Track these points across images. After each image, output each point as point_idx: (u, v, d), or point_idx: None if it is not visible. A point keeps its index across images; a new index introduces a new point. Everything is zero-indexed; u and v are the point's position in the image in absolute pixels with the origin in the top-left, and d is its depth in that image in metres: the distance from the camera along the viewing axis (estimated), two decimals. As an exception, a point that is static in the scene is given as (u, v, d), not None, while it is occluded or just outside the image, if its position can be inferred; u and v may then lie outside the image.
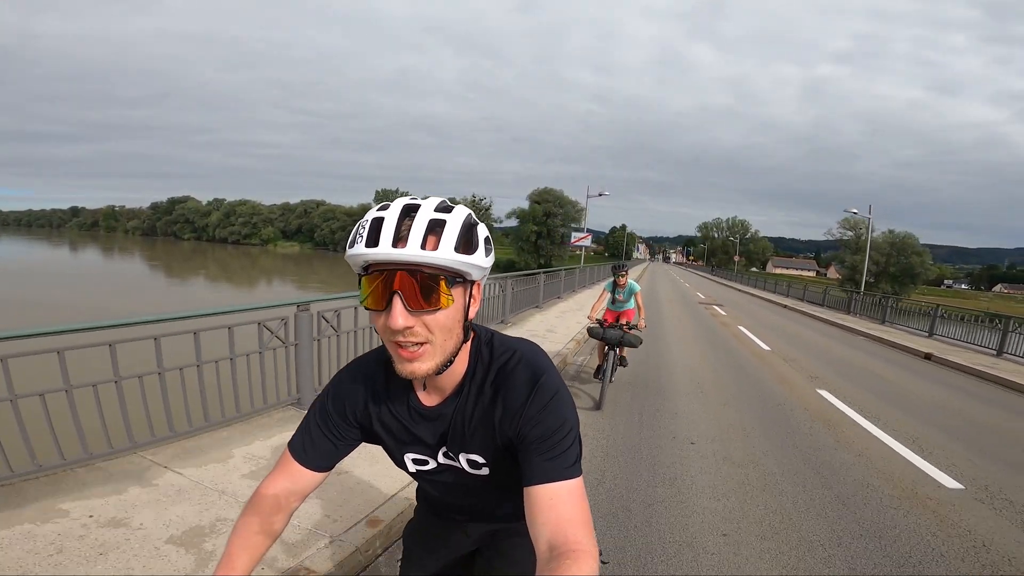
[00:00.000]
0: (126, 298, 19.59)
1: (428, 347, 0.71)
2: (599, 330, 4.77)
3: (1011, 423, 5.25)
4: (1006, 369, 8.10)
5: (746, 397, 5.39)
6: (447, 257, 0.67)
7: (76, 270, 34.33)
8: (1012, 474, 3.70)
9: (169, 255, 57.15)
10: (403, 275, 0.67)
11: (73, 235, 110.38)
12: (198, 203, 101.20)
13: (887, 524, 2.80)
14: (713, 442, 3.95)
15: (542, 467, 0.74)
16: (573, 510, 0.71)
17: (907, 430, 4.57)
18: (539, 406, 0.77)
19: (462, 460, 0.88)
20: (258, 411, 3.54)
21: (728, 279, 46.25)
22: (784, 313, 17.09)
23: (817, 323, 14.47)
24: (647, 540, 2.51)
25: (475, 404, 0.83)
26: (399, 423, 0.87)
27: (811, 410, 5.03)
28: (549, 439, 0.76)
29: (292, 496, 0.86)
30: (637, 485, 3.12)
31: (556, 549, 0.66)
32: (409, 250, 0.65)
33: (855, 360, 8.46)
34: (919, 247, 45.66)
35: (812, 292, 22.56)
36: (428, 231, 0.67)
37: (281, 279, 36.91)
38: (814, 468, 3.54)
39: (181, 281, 31.50)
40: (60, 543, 2.00)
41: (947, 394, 6.43)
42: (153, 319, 2.94)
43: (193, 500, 2.40)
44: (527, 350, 0.84)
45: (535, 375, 0.80)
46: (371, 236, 0.67)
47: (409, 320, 0.67)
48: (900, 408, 5.40)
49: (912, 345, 10.19)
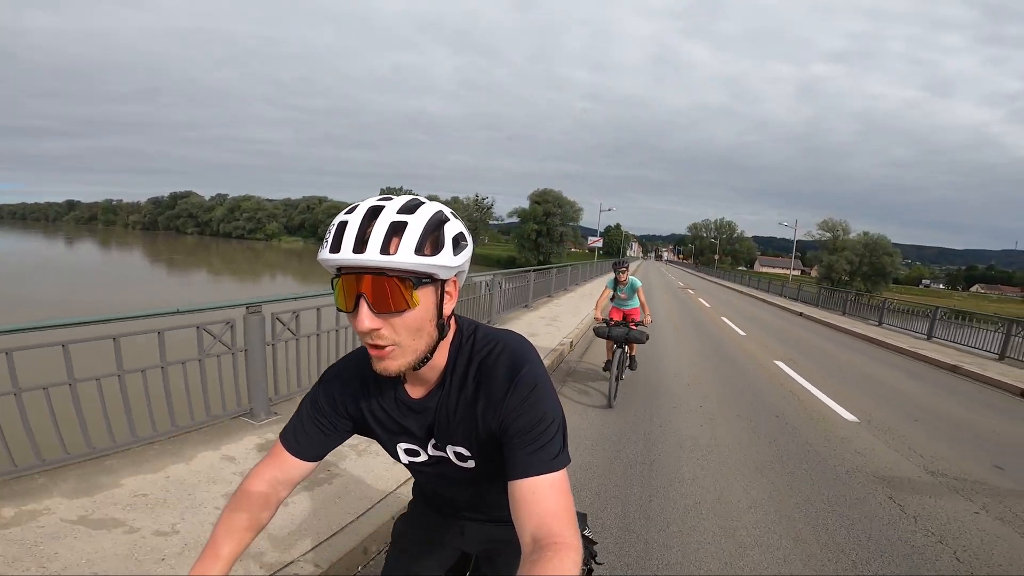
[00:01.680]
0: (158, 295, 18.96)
1: (395, 348, 0.70)
2: (605, 328, 4.67)
3: (905, 383, 6.70)
4: (929, 348, 9.71)
5: (693, 327, 10.41)
6: (407, 261, 0.65)
7: (104, 266, 33.48)
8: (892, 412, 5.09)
9: (187, 252, 55.67)
10: (367, 279, 0.66)
11: (70, 229, 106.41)
12: (200, 198, 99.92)
13: (804, 438, 4.08)
14: (679, 361, 6.71)
15: (525, 460, 0.73)
16: (556, 503, 0.70)
17: (817, 377, 6.33)
18: (519, 398, 0.76)
19: (450, 452, 0.86)
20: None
21: (707, 274, 51.77)
22: (734, 293, 25.29)
23: (755, 300, 19.90)
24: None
25: (458, 397, 0.82)
26: (388, 415, 0.86)
27: (725, 333, 9.76)
28: (531, 432, 0.74)
29: (281, 486, 0.85)
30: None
31: (539, 542, 0.66)
32: (368, 255, 0.64)
33: (772, 320, 13.17)
34: (890, 248, 49.25)
35: (774, 285, 26.41)
36: (390, 234, 0.65)
37: (289, 273, 36.39)
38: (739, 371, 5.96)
39: (213, 277, 30.94)
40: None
41: (862, 359, 8.32)
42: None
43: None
44: (510, 341, 0.82)
45: (515, 367, 0.78)
46: (335, 240, 0.66)
47: (375, 322, 0.67)
48: (817, 363, 7.47)
49: (857, 330, 12.00)
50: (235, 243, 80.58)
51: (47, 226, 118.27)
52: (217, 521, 0.79)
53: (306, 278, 32.32)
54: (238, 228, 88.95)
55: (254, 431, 3.10)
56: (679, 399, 4.92)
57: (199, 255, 50.01)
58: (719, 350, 7.89)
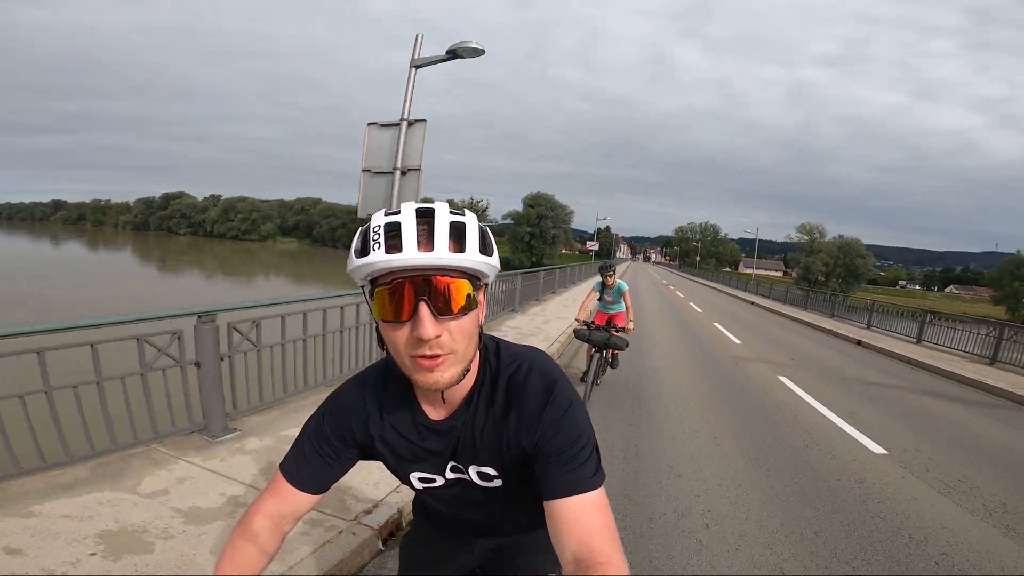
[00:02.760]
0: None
1: (451, 356, 0.65)
2: (585, 332, 4.43)
3: (827, 352, 9.47)
4: (869, 337, 11.38)
5: (668, 311, 14.01)
6: (474, 259, 0.63)
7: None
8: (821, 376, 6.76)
9: (197, 252, 54.62)
10: (427, 280, 0.62)
11: (58, 229, 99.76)
12: (193, 199, 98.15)
13: (739, 383, 5.68)
14: (657, 325, 10.37)
15: (564, 479, 0.69)
16: (597, 521, 0.67)
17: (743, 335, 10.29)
18: (556, 415, 0.73)
19: (472, 473, 0.81)
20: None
21: (689, 275, 55.81)
22: (706, 288, 31.92)
23: (721, 294, 26.64)
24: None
25: (486, 415, 0.77)
26: (405, 440, 0.80)
27: (689, 314, 13.74)
28: (568, 450, 0.71)
29: (284, 520, 0.78)
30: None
31: (583, 563, 0.63)
32: (437, 253, 0.61)
33: (733, 307, 18.20)
34: (863, 250, 51.50)
35: (750, 285, 29.78)
36: (454, 233, 0.63)
37: (290, 272, 35.83)
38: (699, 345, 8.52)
39: (229, 276, 30.60)
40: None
41: (767, 322, 12.60)
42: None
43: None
44: (536, 358, 0.79)
45: (549, 384, 0.75)
46: (390, 241, 0.61)
47: (438, 328, 0.62)
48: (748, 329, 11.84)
49: (803, 318, 15.14)
50: (233, 243, 79.36)
51: (34, 226, 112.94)
52: (219, 560, 0.73)
53: (303, 278, 31.91)
54: (233, 229, 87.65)
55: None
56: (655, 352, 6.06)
57: (203, 254, 49.12)
58: (678, 315, 13.32)
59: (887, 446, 3.98)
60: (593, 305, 4.87)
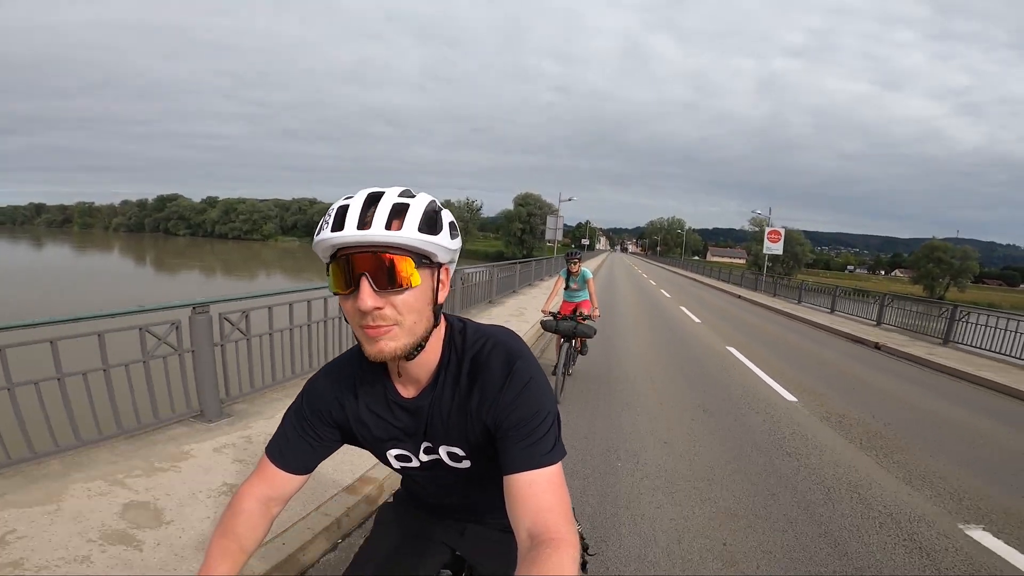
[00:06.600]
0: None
1: (395, 328, 0.65)
2: (552, 322, 4.34)
3: (767, 323, 11.07)
4: (800, 311, 13.04)
5: (631, 283, 21.06)
6: (411, 236, 0.63)
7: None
8: (754, 341, 8.24)
9: (211, 253, 53.47)
10: (369, 256, 0.62)
11: (40, 232, 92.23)
12: (189, 201, 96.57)
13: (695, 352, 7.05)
14: (626, 293, 15.86)
15: (520, 455, 0.68)
16: (552, 498, 0.65)
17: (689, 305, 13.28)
18: (515, 392, 0.71)
19: (443, 453, 0.80)
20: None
21: (660, 262, 64.04)
22: (663, 269, 41.55)
23: (676, 274, 34.52)
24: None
25: (452, 394, 0.76)
26: (377, 417, 0.79)
27: (647, 288, 19.22)
28: (526, 425, 0.69)
29: (272, 502, 0.78)
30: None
31: (536, 538, 0.61)
32: (373, 231, 0.62)
33: (690, 286, 22.54)
34: (802, 239, 57.84)
35: (707, 269, 35.95)
36: (392, 214, 0.63)
37: (291, 270, 35.62)
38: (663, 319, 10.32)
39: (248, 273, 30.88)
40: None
41: (712, 296, 15.64)
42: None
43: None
44: (502, 335, 0.77)
45: (509, 361, 0.73)
46: (336, 221, 0.63)
47: (377, 300, 0.62)
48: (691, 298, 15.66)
49: (743, 294, 18.08)
50: (236, 243, 77.68)
51: (15, 230, 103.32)
52: (209, 544, 0.72)
53: (303, 273, 31.59)
54: (235, 229, 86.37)
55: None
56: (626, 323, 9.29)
57: (213, 255, 48.08)
58: (643, 289, 16.54)
59: (798, 395, 5.02)
60: (559, 296, 4.88)
